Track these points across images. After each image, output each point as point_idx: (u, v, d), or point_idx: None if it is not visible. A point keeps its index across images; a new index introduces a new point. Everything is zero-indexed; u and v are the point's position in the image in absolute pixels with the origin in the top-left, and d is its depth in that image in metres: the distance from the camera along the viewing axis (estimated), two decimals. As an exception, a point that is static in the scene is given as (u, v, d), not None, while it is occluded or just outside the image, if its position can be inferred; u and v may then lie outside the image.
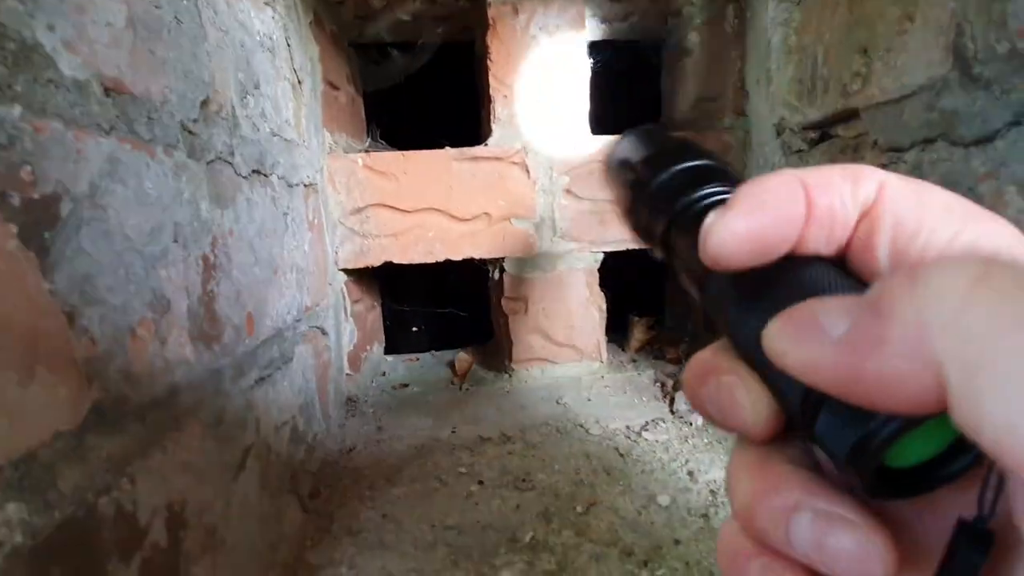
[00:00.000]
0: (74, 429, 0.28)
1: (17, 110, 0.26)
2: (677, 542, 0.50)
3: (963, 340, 0.10)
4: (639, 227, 0.20)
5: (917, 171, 0.53)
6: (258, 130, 0.55)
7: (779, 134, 0.77)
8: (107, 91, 0.32)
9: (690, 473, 0.62)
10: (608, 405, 0.80)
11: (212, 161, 0.44)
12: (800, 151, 0.73)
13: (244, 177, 0.50)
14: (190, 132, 0.41)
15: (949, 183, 0.49)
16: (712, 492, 0.58)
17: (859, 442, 0.11)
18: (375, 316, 1.08)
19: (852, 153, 0.63)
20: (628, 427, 0.73)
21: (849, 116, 0.63)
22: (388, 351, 1.17)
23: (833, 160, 0.67)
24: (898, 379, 0.11)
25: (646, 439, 0.70)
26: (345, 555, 0.52)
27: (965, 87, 0.47)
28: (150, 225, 0.35)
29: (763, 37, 0.78)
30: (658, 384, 0.86)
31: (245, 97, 0.52)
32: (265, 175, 0.56)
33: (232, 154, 0.48)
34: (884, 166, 0.58)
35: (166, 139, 0.38)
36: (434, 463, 0.68)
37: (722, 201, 0.16)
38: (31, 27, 0.27)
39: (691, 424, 0.73)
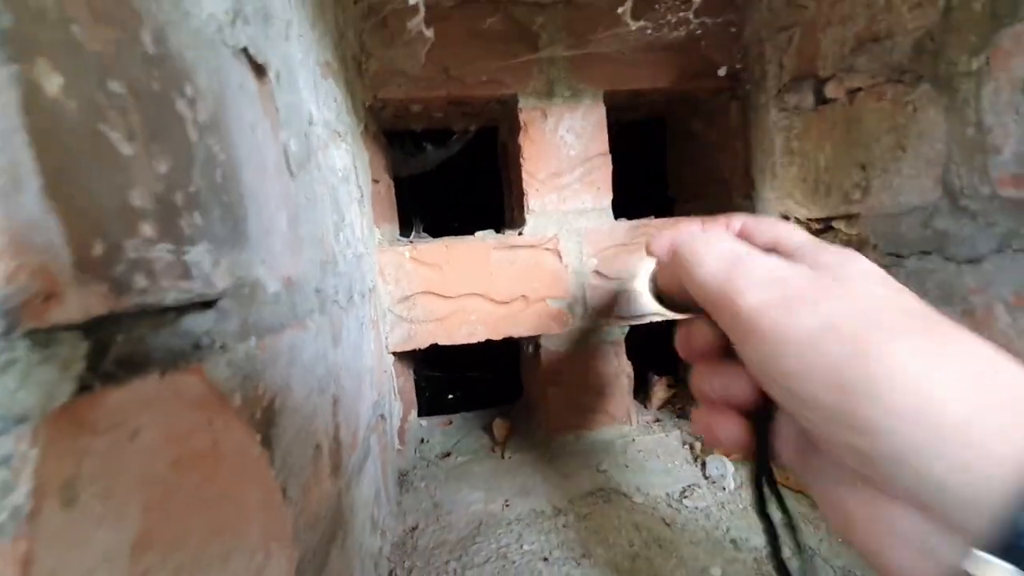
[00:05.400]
0: (287, 587, 0.34)
1: (252, 341, 0.32)
2: (736, 614, 0.57)
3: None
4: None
5: (916, 276, 0.62)
6: (346, 260, 0.61)
7: (786, 219, 0.86)
8: (284, 288, 0.39)
9: (733, 541, 0.69)
10: (645, 471, 0.87)
11: (329, 307, 0.51)
12: (806, 238, 0.82)
13: (343, 309, 0.57)
14: (318, 291, 0.48)
15: (945, 293, 0.59)
16: (756, 560, 0.65)
17: None
18: (410, 385, 1.14)
19: (854, 249, 0.72)
20: (668, 494, 0.80)
21: (851, 217, 0.72)
22: (419, 414, 1.22)
23: (838, 251, 0.76)
24: None
25: (686, 506, 0.77)
26: (441, 643, 0.57)
27: (954, 214, 0.57)
28: (308, 390, 0.41)
29: (766, 136, 0.88)
30: (687, 446, 0.93)
31: (339, 235, 0.59)
32: (351, 298, 0.62)
33: (337, 292, 0.55)
34: (886, 267, 0.67)
35: (308, 308, 0.44)
36: (496, 540, 0.74)
37: None
38: (254, 269, 0.34)
39: (724, 489, 0.80)
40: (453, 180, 1.28)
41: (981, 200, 0.54)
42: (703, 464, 0.86)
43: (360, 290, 0.68)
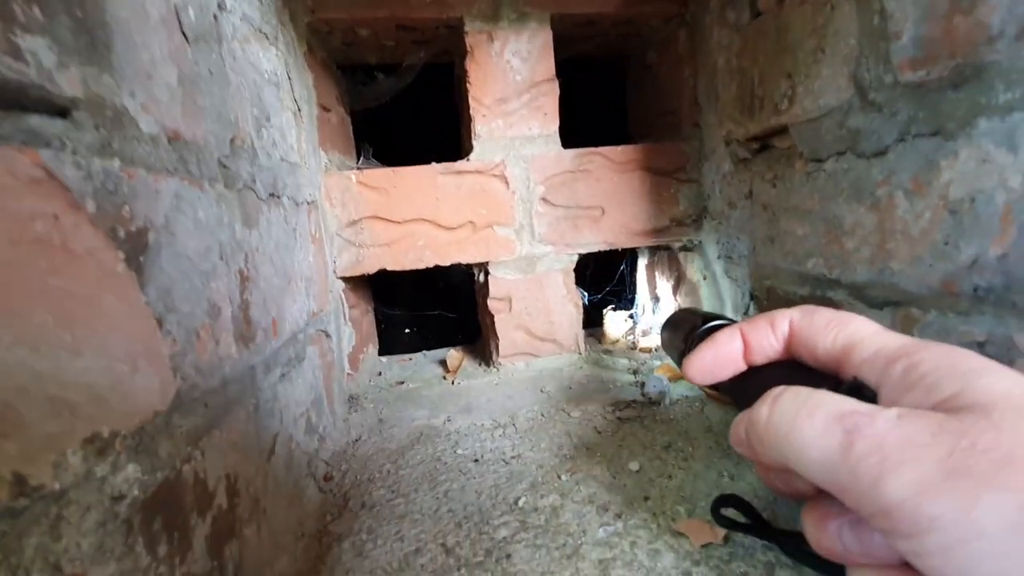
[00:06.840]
0: (165, 410, 0.36)
1: (116, 163, 0.33)
2: (646, 498, 0.59)
3: None
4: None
5: (833, 178, 0.63)
6: (271, 157, 0.62)
7: (727, 144, 0.87)
8: (170, 140, 0.40)
9: (658, 444, 0.71)
10: (587, 391, 0.89)
11: (241, 189, 0.52)
12: (745, 159, 0.83)
13: (263, 200, 0.58)
14: (224, 166, 0.49)
15: (857, 190, 0.60)
16: (676, 459, 0.67)
17: None
18: (369, 320, 1.15)
19: (786, 161, 0.73)
20: (604, 408, 0.83)
21: (782, 130, 0.73)
22: (381, 353, 1.24)
23: (771, 167, 0.77)
24: None
25: (619, 418, 0.80)
26: (363, 525, 0.60)
27: (864, 109, 0.58)
28: (204, 246, 0.43)
29: (710, 58, 0.88)
30: (631, 372, 0.95)
31: (260, 130, 0.60)
32: (277, 197, 0.63)
33: (254, 181, 0.56)
34: (809, 174, 0.68)
35: (209, 174, 0.45)
36: (433, 447, 0.76)
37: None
38: (120, 96, 0.34)
39: (659, 404, 0.82)
40: (414, 123, 1.28)
41: (886, 90, 0.55)
42: (642, 384, 0.88)
43: (291, 195, 0.69)
